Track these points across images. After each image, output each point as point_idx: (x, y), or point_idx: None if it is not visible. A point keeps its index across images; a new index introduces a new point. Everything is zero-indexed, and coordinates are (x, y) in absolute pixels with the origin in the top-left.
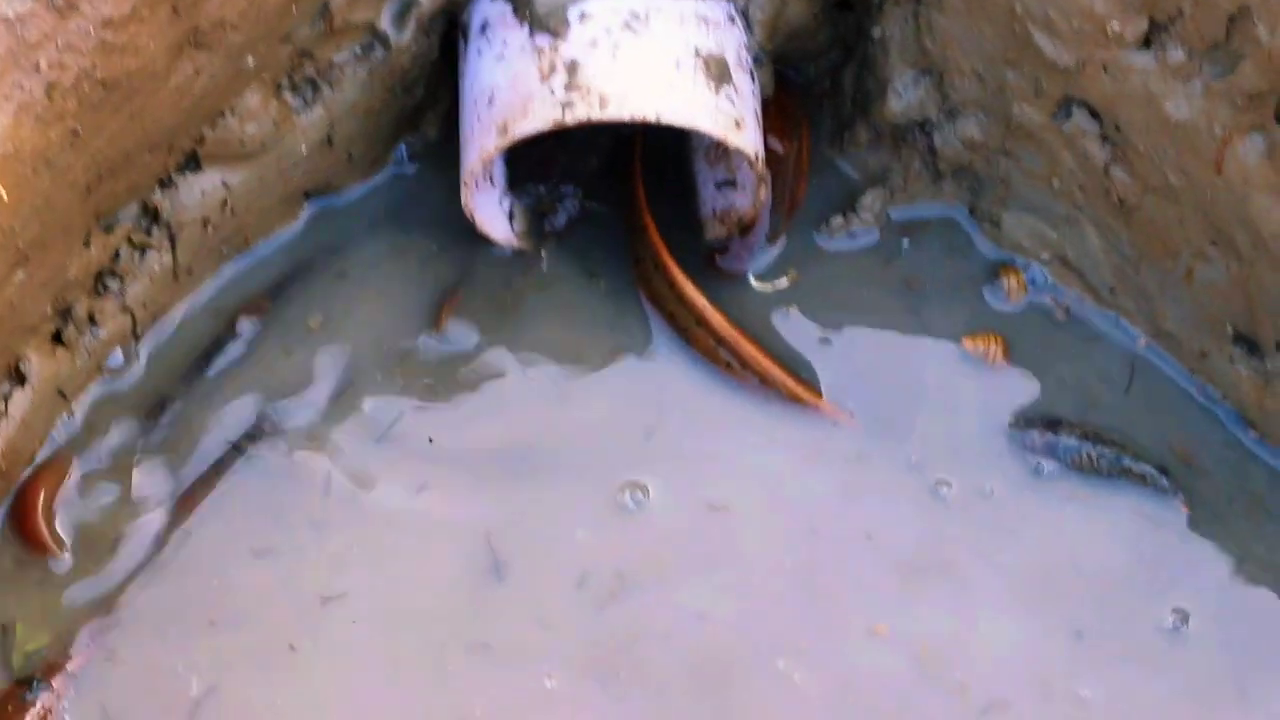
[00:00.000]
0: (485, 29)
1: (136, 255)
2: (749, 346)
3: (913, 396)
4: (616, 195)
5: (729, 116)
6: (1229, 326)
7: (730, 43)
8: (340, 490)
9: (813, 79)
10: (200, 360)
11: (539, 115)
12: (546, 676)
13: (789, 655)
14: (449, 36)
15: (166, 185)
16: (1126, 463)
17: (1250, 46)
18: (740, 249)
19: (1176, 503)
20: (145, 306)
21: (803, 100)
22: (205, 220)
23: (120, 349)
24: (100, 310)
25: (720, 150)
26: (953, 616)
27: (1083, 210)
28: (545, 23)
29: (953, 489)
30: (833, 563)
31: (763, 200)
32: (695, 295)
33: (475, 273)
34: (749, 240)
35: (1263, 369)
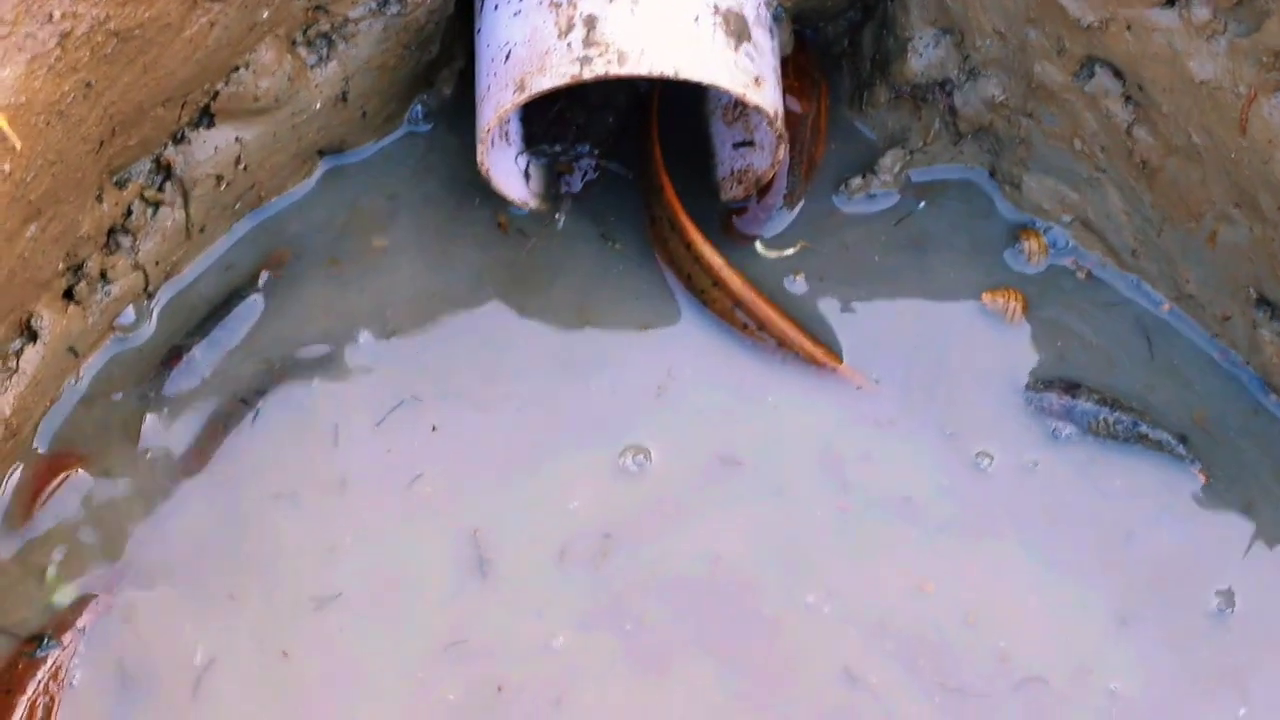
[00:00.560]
0: None
1: (149, 211)
2: (767, 308)
3: (934, 359)
4: (633, 156)
5: (748, 73)
6: (1252, 289)
7: None
8: (349, 442)
9: (831, 39)
10: (217, 310)
11: (557, 71)
12: (552, 636)
13: (819, 591)
14: None
15: (179, 140)
16: (1144, 429)
17: (1275, 4)
18: (758, 210)
19: (1194, 471)
20: (157, 264)
21: (821, 60)
22: (218, 177)
23: (132, 306)
24: (112, 267)
25: (738, 110)
26: (1000, 584)
27: (1105, 172)
28: None
29: (993, 460)
30: (872, 518)
31: (781, 159)
32: (713, 256)
33: (488, 234)
34: (766, 201)
35: None
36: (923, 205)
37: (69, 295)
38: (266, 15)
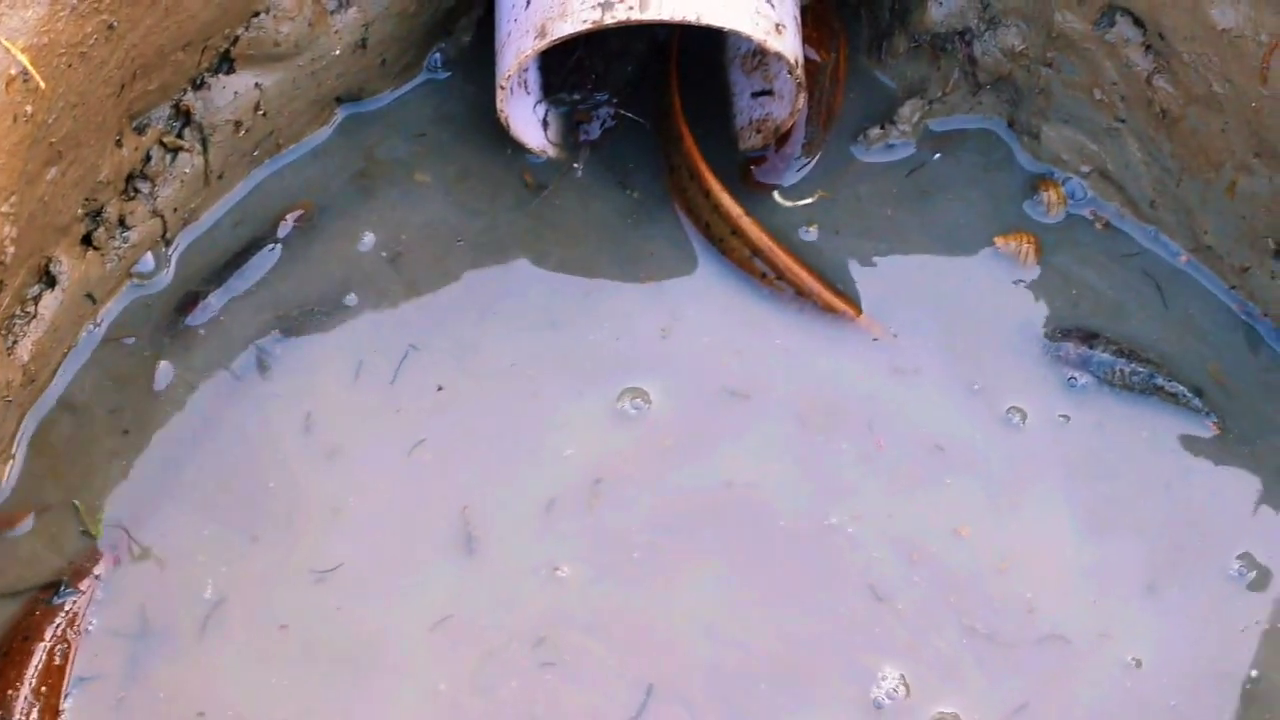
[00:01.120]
0: None
1: (168, 158)
2: (785, 256)
3: (952, 311)
4: (651, 105)
5: (769, 20)
6: (1271, 240)
7: None
8: (367, 385)
9: None
10: (236, 258)
11: (578, 17)
12: (556, 569)
13: (844, 514)
14: None
15: (199, 86)
16: (1159, 381)
17: None
18: (776, 160)
19: (1207, 423)
20: (175, 210)
21: (840, 9)
22: (237, 123)
23: (150, 253)
24: (131, 213)
25: (757, 58)
26: (1034, 538)
27: (1124, 122)
28: None
29: (1026, 417)
30: (907, 459)
31: (800, 108)
32: (731, 204)
33: (505, 181)
34: (785, 151)
35: None
36: (937, 156)
37: (87, 241)
38: None
